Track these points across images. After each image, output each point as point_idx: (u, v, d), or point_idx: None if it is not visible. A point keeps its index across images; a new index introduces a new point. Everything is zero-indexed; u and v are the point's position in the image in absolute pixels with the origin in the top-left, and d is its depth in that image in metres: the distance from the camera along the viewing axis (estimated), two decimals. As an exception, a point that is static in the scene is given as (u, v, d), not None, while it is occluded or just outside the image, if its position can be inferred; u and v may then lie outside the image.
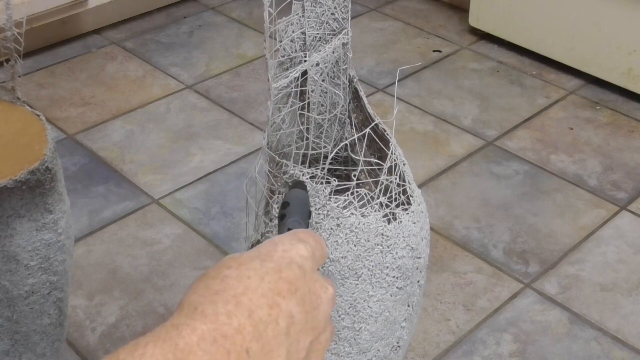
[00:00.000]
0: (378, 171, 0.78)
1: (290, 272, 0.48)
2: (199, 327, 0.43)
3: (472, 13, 2.01)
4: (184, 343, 0.42)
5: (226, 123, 1.73)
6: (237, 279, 0.46)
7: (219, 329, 0.43)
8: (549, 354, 1.22)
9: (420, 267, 0.77)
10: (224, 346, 0.42)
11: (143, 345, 0.41)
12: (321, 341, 0.50)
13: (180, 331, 0.42)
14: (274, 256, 0.49)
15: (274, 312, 0.45)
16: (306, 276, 0.49)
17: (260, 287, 0.46)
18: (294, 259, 0.49)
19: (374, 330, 0.74)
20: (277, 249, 0.49)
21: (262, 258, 0.48)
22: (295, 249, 0.50)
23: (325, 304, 0.50)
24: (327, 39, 0.75)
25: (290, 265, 0.48)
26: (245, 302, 0.45)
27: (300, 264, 0.49)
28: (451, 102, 1.80)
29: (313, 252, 0.52)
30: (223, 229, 1.44)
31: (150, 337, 0.42)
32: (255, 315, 0.44)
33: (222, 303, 0.44)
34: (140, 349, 0.41)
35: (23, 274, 0.90)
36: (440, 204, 1.51)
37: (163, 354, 0.41)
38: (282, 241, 0.50)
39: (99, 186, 1.54)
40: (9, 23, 0.91)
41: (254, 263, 0.47)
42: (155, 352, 0.41)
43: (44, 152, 0.88)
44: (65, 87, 1.84)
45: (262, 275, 0.47)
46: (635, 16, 1.72)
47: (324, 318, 0.50)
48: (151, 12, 2.15)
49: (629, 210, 1.49)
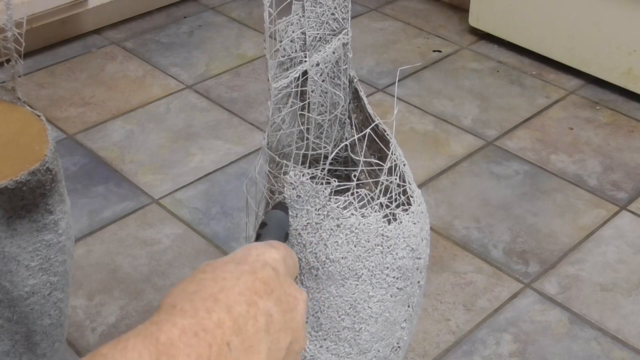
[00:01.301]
0: (378, 171, 0.78)
1: (265, 273, 0.49)
2: (179, 321, 0.43)
3: (472, 13, 2.01)
4: (165, 337, 0.42)
5: (226, 123, 1.73)
6: (213, 280, 0.47)
7: (200, 323, 0.43)
8: (549, 354, 1.22)
9: (421, 267, 0.77)
10: (204, 339, 0.43)
11: (125, 340, 0.42)
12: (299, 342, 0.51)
13: (160, 326, 0.43)
14: (248, 259, 0.50)
15: (252, 309, 0.46)
16: (280, 278, 0.50)
17: (236, 286, 0.47)
18: (268, 261, 0.50)
19: (374, 330, 0.74)
20: (251, 252, 0.51)
21: (236, 261, 0.49)
22: (268, 253, 0.51)
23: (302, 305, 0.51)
24: (327, 39, 0.75)
25: (265, 267, 0.49)
26: (223, 299, 0.45)
27: (274, 267, 0.50)
28: (451, 102, 1.80)
29: (284, 257, 0.53)
30: (223, 229, 1.44)
31: (132, 333, 0.43)
32: (234, 310, 0.45)
33: (200, 300, 0.45)
34: (122, 343, 0.42)
35: (23, 274, 0.90)
36: (440, 204, 1.51)
37: (145, 346, 0.41)
38: (255, 247, 0.52)
39: (99, 186, 1.54)
40: (9, 23, 0.91)
41: (229, 266, 0.48)
42: (137, 345, 0.41)
43: (45, 152, 0.88)
44: (65, 87, 1.84)
45: (237, 276, 0.47)
46: (635, 16, 1.72)
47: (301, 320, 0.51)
48: (151, 12, 2.15)
49: (629, 210, 1.49)
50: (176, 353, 0.41)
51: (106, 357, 0.41)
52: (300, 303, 0.51)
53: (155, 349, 0.41)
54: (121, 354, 0.41)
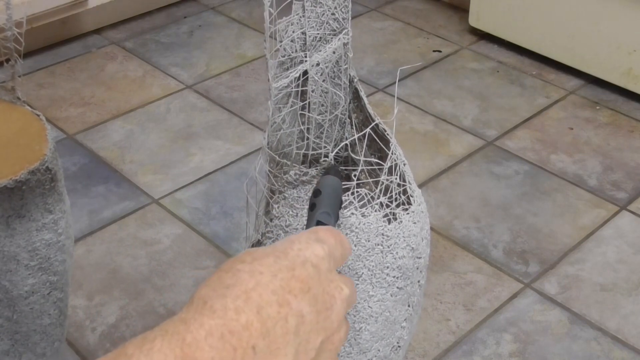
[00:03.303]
0: (378, 171, 0.78)
1: (304, 271, 0.48)
2: (206, 322, 0.43)
3: (472, 13, 2.01)
4: (191, 338, 0.42)
5: (226, 123, 1.73)
6: (250, 274, 0.46)
7: (227, 325, 0.43)
8: (549, 354, 1.22)
9: (421, 267, 0.77)
10: (230, 342, 0.42)
11: (151, 340, 0.41)
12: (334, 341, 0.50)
13: (188, 326, 0.42)
14: (289, 254, 0.48)
15: (284, 310, 0.45)
16: (321, 276, 0.49)
17: (271, 283, 0.46)
18: (309, 258, 0.49)
19: (374, 330, 0.74)
20: (293, 247, 0.49)
21: (276, 255, 0.48)
22: (311, 249, 0.50)
23: (340, 304, 0.50)
24: (328, 39, 0.75)
25: (305, 264, 0.48)
26: (255, 297, 0.44)
27: (315, 264, 0.49)
28: (451, 102, 1.80)
29: (331, 252, 0.51)
30: (223, 229, 1.44)
31: (159, 331, 0.42)
32: (264, 312, 0.44)
33: (231, 298, 0.44)
34: (148, 344, 0.41)
35: (23, 274, 0.90)
36: (440, 204, 1.51)
37: (171, 348, 0.41)
38: (298, 239, 0.50)
39: (99, 186, 1.54)
40: (9, 23, 0.91)
41: (268, 259, 0.47)
42: (163, 347, 0.41)
43: (44, 152, 0.88)
44: (65, 87, 1.84)
45: (274, 272, 0.46)
46: (635, 16, 1.72)
47: (338, 318, 0.50)
48: (151, 12, 2.15)
49: (629, 210, 1.49)
50: (200, 356, 0.41)
51: (131, 357, 0.40)
52: (337, 302, 0.49)
53: (181, 352, 0.41)
54: (147, 357, 0.40)
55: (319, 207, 0.61)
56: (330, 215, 0.61)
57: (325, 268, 0.50)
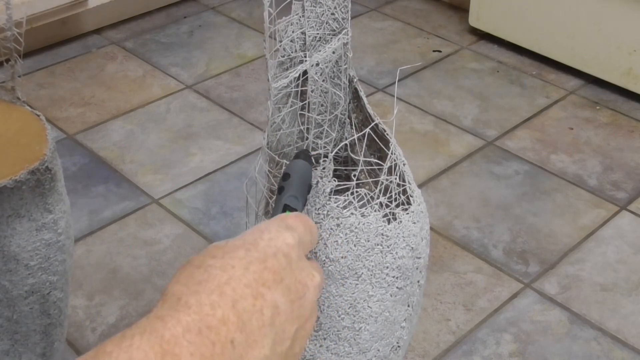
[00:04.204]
0: (378, 171, 0.78)
1: (276, 261, 0.48)
2: (183, 318, 0.43)
3: (472, 13, 2.01)
4: (169, 334, 0.42)
5: (226, 123, 1.73)
6: (221, 269, 0.46)
7: (203, 320, 0.43)
8: (549, 354, 1.22)
9: (420, 267, 0.77)
10: (208, 337, 0.42)
11: (130, 337, 0.41)
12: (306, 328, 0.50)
13: (165, 323, 0.42)
14: (259, 245, 0.48)
15: (259, 302, 0.45)
16: (292, 265, 0.49)
17: (244, 277, 0.46)
18: (280, 247, 0.49)
19: (374, 330, 0.74)
20: (263, 237, 0.49)
21: (247, 247, 0.48)
22: (282, 237, 0.49)
23: (312, 292, 0.50)
24: (327, 39, 0.75)
25: (276, 255, 0.48)
26: (229, 292, 0.44)
27: (286, 253, 0.49)
28: (451, 102, 1.80)
29: (300, 239, 0.51)
30: (223, 229, 1.44)
31: (136, 329, 0.42)
32: (239, 305, 0.44)
33: (205, 294, 0.44)
34: (127, 341, 0.41)
35: (23, 274, 0.90)
36: (440, 204, 1.51)
37: (150, 345, 0.41)
38: (268, 229, 0.50)
39: (99, 186, 1.54)
40: (9, 23, 0.91)
41: (239, 252, 0.47)
42: (142, 344, 0.41)
43: (44, 152, 0.88)
44: (65, 87, 1.84)
45: (246, 265, 0.46)
46: (635, 16, 1.72)
47: (310, 306, 0.50)
48: (151, 12, 2.15)
49: (629, 210, 1.49)
50: (180, 352, 0.41)
51: (111, 355, 0.40)
52: (310, 290, 0.50)
53: (160, 348, 0.41)
54: (126, 354, 0.40)
55: (287, 190, 0.61)
56: (298, 199, 0.61)
57: (296, 256, 0.50)
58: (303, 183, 0.64)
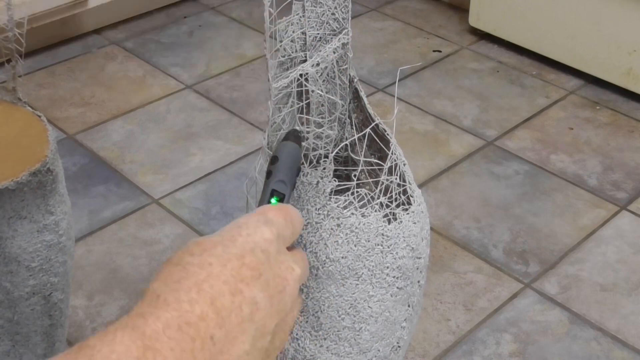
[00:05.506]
0: (378, 171, 0.78)
1: (254, 257, 0.48)
2: (162, 315, 0.43)
3: (472, 13, 2.01)
4: (150, 330, 0.42)
5: (226, 123, 1.73)
6: (199, 266, 0.46)
7: (183, 317, 0.43)
8: (549, 354, 1.22)
9: (421, 267, 0.77)
10: (188, 333, 0.43)
11: (112, 332, 0.42)
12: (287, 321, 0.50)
13: (146, 319, 0.43)
14: (237, 241, 0.48)
15: (237, 299, 0.45)
16: (270, 260, 0.49)
17: (222, 274, 0.46)
18: (258, 243, 0.49)
19: (374, 330, 0.74)
20: (241, 232, 0.49)
21: (224, 244, 0.48)
22: (260, 233, 0.49)
23: (292, 285, 0.50)
24: (328, 39, 0.75)
25: (254, 251, 0.48)
26: (207, 289, 0.45)
27: (264, 248, 0.49)
28: (451, 102, 1.80)
29: (279, 233, 0.51)
30: (223, 229, 1.44)
31: (118, 325, 0.43)
32: (218, 302, 0.45)
33: (184, 291, 0.44)
34: (110, 336, 0.42)
35: (24, 275, 0.90)
36: (440, 204, 1.51)
37: (132, 340, 0.41)
38: (246, 224, 0.50)
39: (99, 186, 1.54)
40: (10, 23, 0.91)
41: (217, 249, 0.47)
42: (124, 339, 0.41)
43: (46, 153, 0.88)
44: (65, 87, 1.84)
45: (224, 262, 0.46)
46: (635, 16, 1.72)
47: (291, 299, 0.50)
48: (151, 12, 2.15)
49: (629, 210, 1.50)
50: (161, 347, 0.42)
51: (94, 349, 0.41)
52: (290, 283, 0.50)
53: (142, 343, 0.41)
54: (109, 347, 0.41)
55: (274, 175, 0.59)
56: (286, 184, 0.59)
57: (275, 250, 0.50)
58: (291, 166, 0.62)
